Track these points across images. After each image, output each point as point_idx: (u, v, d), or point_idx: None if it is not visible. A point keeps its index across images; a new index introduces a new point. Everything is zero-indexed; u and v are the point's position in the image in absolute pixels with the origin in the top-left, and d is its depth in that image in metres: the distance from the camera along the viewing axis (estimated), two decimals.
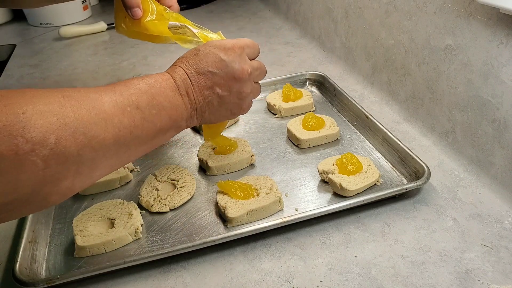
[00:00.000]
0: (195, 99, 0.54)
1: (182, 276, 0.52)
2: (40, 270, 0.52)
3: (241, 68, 0.55)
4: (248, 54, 0.58)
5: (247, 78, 0.56)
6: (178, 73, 0.53)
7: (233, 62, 0.55)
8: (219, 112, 0.57)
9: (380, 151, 0.70)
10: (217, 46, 0.55)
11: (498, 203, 0.59)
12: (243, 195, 0.58)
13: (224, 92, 0.55)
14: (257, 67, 0.60)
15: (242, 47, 0.56)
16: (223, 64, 0.54)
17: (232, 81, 0.55)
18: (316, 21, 1.09)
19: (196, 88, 0.54)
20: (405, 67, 0.77)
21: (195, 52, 0.56)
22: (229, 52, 0.55)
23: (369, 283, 0.49)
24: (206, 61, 0.54)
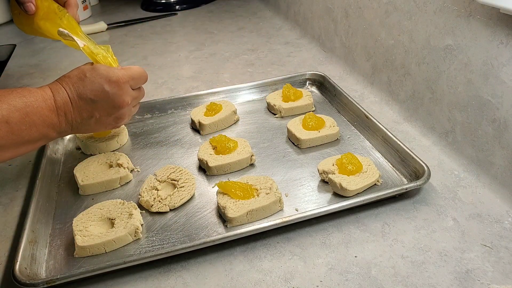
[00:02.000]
0: (72, 119, 0.58)
1: (182, 276, 0.52)
2: (40, 270, 0.52)
3: (121, 100, 0.60)
4: (131, 85, 0.62)
5: (126, 108, 0.62)
6: (61, 94, 0.57)
7: (115, 94, 0.59)
8: (95, 128, 0.62)
9: (380, 151, 0.70)
10: (103, 76, 0.59)
11: (498, 203, 0.59)
12: (243, 195, 0.58)
13: (102, 116, 0.60)
14: (137, 96, 0.65)
15: (126, 81, 0.60)
16: (105, 95, 0.59)
17: (112, 109, 0.60)
18: (316, 21, 1.09)
19: (76, 111, 0.58)
20: (405, 67, 0.77)
21: (81, 77, 0.58)
22: (113, 85, 0.59)
23: (369, 283, 0.49)
24: (91, 88, 0.58)
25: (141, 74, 0.64)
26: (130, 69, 0.62)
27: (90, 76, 0.58)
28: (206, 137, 0.76)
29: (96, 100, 0.58)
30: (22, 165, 0.73)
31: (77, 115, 0.58)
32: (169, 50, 1.16)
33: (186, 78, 1.00)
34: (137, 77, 0.63)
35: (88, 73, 0.59)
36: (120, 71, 0.60)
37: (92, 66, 0.60)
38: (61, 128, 0.58)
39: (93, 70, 0.59)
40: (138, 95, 0.65)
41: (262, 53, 1.11)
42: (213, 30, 1.29)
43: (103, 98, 0.58)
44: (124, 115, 0.63)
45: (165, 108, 0.84)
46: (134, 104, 0.65)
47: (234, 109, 0.80)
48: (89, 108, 0.58)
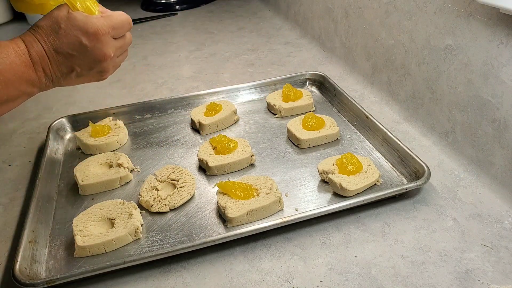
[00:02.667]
0: (52, 74, 0.54)
1: (182, 276, 0.52)
2: (40, 270, 0.52)
3: (102, 54, 0.55)
4: (113, 35, 0.57)
5: (108, 61, 0.57)
6: (35, 48, 0.53)
7: (94, 48, 0.54)
8: (78, 82, 0.59)
9: (380, 151, 0.70)
10: (79, 27, 0.53)
11: (498, 203, 0.59)
12: (243, 195, 0.58)
13: (83, 70, 0.56)
14: (121, 45, 0.59)
15: (106, 32, 0.55)
16: (84, 49, 0.54)
17: (93, 63, 0.56)
18: (316, 21, 1.09)
19: (54, 65, 0.54)
20: (405, 67, 0.77)
21: (55, 28, 0.53)
22: (91, 38, 0.54)
23: (369, 283, 0.49)
24: (67, 42, 0.53)
25: (123, 21, 0.58)
26: (111, 17, 0.56)
27: (65, 28, 0.53)
28: (206, 137, 0.76)
29: (74, 55, 0.54)
30: (22, 165, 0.73)
31: (56, 69, 0.54)
32: (169, 50, 1.16)
33: (186, 78, 1.00)
34: (119, 26, 0.57)
35: (63, 23, 0.53)
36: (99, 20, 0.55)
37: (67, 15, 0.54)
38: (41, 83, 0.54)
39: (68, 20, 0.53)
40: (123, 44, 0.60)
41: (262, 53, 1.11)
42: (213, 30, 1.29)
43: (81, 52, 0.54)
44: (107, 67, 0.58)
45: (165, 108, 0.84)
46: (118, 54, 0.60)
47: (234, 109, 0.80)
48: (68, 63, 0.54)
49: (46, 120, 0.85)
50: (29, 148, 0.78)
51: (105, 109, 0.82)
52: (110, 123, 0.78)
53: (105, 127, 0.75)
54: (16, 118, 0.88)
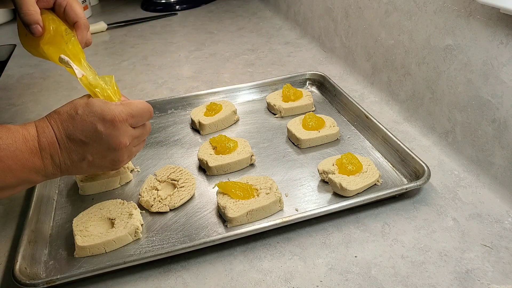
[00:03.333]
0: (61, 162, 0.51)
1: (182, 276, 0.52)
2: (40, 270, 0.52)
3: (118, 142, 0.52)
4: (131, 124, 0.54)
5: (124, 150, 0.54)
6: (47, 134, 0.50)
7: (110, 136, 0.52)
8: (88, 171, 0.55)
9: (380, 151, 0.70)
10: (96, 114, 0.51)
11: (498, 203, 0.59)
12: (243, 195, 0.58)
13: (96, 159, 0.53)
14: (139, 135, 0.56)
15: (124, 120, 0.52)
16: (98, 136, 0.51)
17: (106, 151, 0.53)
18: (316, 21, 1.09)
19: (64, 153, 0.51)
20: (405, 67, 0.77)
21: (72, 114, 0.51)
22: (108, 125, 0.51)
23: (369, 283, 0.49)
24: (81, 128, 0.51)
25: (144, 110, 0.55)
26: (130, 105, 0.54)
27: (82, 114, 0.51)
28: (206, 137, 0.76)
29: (87, 142, 0.51)
30: None
31: (66, 157, 0.51)
32: (169, 50, 1.16)
33: (186, 78, 1.00)
34: (138, 114, 0.54)
35: (80, 109, 0.51)
36: (118, 107, 0.52)
37: (86, 101, 0.52)
38: (47, 172, 0.51)
39: (86, 106, 0.51)
40: (141, 133, 0.57)
41: (262, 53, 1.11)
42: (213, 30, 1.29)
43: (95, 139, 0.51)
44: (122, 157, 0.55)
45: (165, 108, 0.84)
46: (135, 143, 0.57)
47: (234, 109, 0.80)
48: (80, 150, 0.51)
49: None
50: None
51: None
52: None
53: None
54: (16, 118, 0.88)
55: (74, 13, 0.60)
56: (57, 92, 0.97)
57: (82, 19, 0.61)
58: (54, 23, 0.58)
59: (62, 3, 0.60)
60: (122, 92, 0.97)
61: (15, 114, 0.89)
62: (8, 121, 0.87)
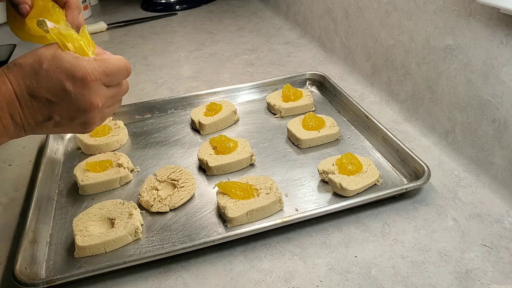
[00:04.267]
0: (23, 122, 0.45)
1: (182, 276, 0.52)
2: (40, 270, 0.52)
3: (88, 103, 0.46)
4: (105, 82, 0.48)
5: (95, 111, 0.48)
6: (3, 92, 0.43)
7: (80, 95, 0.45)
8: (55, 130, 0.49)
9: (380, 151, 0.70)
10: (65, 69, 0.44)
11: (498, 203, 0.59)
12: (243, 195, 0.58)
13: (64, 120, 0.47)
14: (113, 95, 0.50)
15: (97, 78, 0.46)
16: (66, 96, 0.45)
17: (75, 112, 0.46)
18: (316, 21, 1.09)
19: (27, 112, 0.45)
20: (405, 67, 0.77)
21: (35, 68, 0.44)
22: (78, 84, 0.45)
23: (369, 283, 0.49)
24: (47, 86, 0.44)
25: (120, 67, 0.49)
26: (105, 61, 0.47)
27: (48, 68, 0.44)
28: (206, 137, 0.76)
29: (54, 101, 0.45)
30: (22, 165, 0.73)
31: (29, 117, 0.45)
32: (169, 50, 1.16)
33: (186, 78, 1.00)
34: (113, 71, 0.48)
35: (46, 63, 0.44)
36: (91, 63, 0.46)
37: (53, 54, 0.45)
38: (9, 132, 0.45)
39: (53, 59, 0.44)
40: (116, 93, 0.50)
41: (262, 53, 1.11)
42: (213, 30, 1.29)
43: (63, 99, 0.45)
44: (93, 119, 0.48)
45: (165, 108, 0.84)
46: (109, 104, 0.50)
47: (234, 109, 0.80)
48: (46, 110, 0.45)
49: None
50: (29, 148, 0.78)
51: None
52: (110, 123, 0.78)
53: (105, 127, 0.75)
54: None
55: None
56: None
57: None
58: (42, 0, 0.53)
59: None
60: None
61: None
62: None
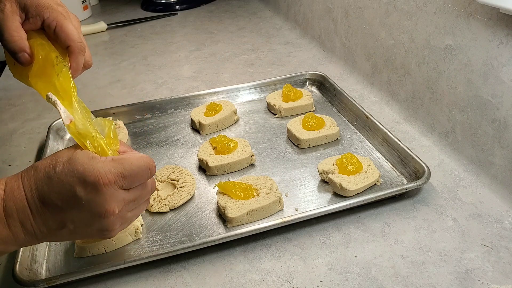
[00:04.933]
0: (34, 229, 0.42)
1: (182, 276, 0.52)
2: (40, 270, 0.52)
3: (103, 210, 0.42)
4: (123, 185, 0.43)
5: (112, 218, 0.43)
6: (16, 196, 0.41)
7: (92, 202, 0.41)
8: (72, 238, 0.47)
9: (380, 151, 0.70)
10: (77, 174, 0.40)
11: (498, 203, 0.59)
12: (243, 195, 0.58)
13: (79, 227, 0.43)
14: (134, 198, 0.45)
15: (111, 181, 0.41)
16: (77, 202, 0.41)
17: (90, 220, 0.42)
18: (316, 21, 1.09)
19: (39, 219, 0.41)
20: (405, 67, 0.77)
21: (49, 172, 0.41)
22: (89, 189, 0.41)
23: (369, 283, 0.49)
24: (57, 191, 0.41)
25: (140, 168, 0.43)
26: (123, 161, 0.43)
27: (61, 173, 0.41)
28: (206, 137, 0.76)
29: (64, 208, 0.41)
30: (22, 165, 0.73)
31: (41, 225, 0.42)
32: (169, 50, 1.16)
33: (186, 78, 1.00)
34: (132, 174, 0.43)
35: (60, 166, 0.41)
36: (106, 165, 0.41)
37: (69, 156, 0.42)
38: (19, 240, 0.42)
39: (69, 162, 0.41)
40: (137, 196, 0.45)
41: (262, 53, 1.11)
42: (213, 30, 1.29)
43: (73, 206, 0.41)
44: (111, 226, 0.44)
45: (165, 108, 0.84)
46: (130, 208, 0.45)
47: (234, 109, 0.80)
48: (57, 217, 0.42)
49: (46, 120, 0.85)
50: (29, 148, 0.78)
51: (105, 109, 0.82)
52: None
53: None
54: (16, 118, 0.88)
55: (65, 35, 0.49)
56: None
57: (75, 42, 0.49)
58: (43, 49, 0.48)
59: (51, 24, 0.49)
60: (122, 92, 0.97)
61: (15, 114, 0.89)
62: (9, 121, 0.87)
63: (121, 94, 0.94)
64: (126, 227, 0.48)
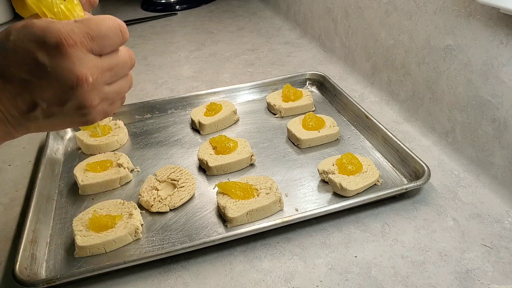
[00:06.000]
0: (5, 114, 0.37)
1: (182, 276, 0.52)
2: (40, 270, 0.52)
3: (73, 76, 0.36)
4: (92, 49, 0.37)
5: (87, 88, 0.37)
6: None
7: (58, 68, 0.35)
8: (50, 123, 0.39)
9: (380, 151, 0.70)
10: (35, 37, 0.35)
11: (498, 203, 0.59)
12: (243, 195, 0.58)
13: (52, 105, 0.37)
14: (110, 66, 0.39)
15: (76, 42, 0.35)
16: (42, 70, 0.35)
17: (61, 92, 0.37)
18: (316, 21, 1.09)
19: (5, 100, 0.36)
20: (405, 67, 0.77)
21: (3, 41, 0.36)
22: (52, 52, 0.35)
23: (369, 283, 0.49)
24: (16, 61, 0.35)
25: (109, 29, 0.38)
26: (88, 21, 0.37)
27: (15, 39, 0.35)
28: (206, 137, 0.76)
29: (29, 80, 0.36)
30: (22, 165, 0.73)
31: (9, 105, 0.36)
32: (169, 50, 1.16)
33: (186, 78, 1.00)
34: (100, 34, 0.37)
35: (14, 34, 0.35)
36: (68, 25, 0.36)
37: (24, 23, 0.36)
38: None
39: (23, 28, 0.35)
40: (112, 63, 0.39)
41: (262, 53, 1.11)
42: (213, 30, 1.29)
43: (39, 75, 0.35)
44: (87, 99, 0.38)
45: (165, 108, 0.84)
46: (107, 79, 0.39)
47: (234, 109, 0.80)
48: (25, 94, 0.36)
49: None
50: (29, 148, 0.78)
51: None
52: (110, 123, 0.78)
53: (105, 127, 0.75)
54: None
55: None
56: None
57: None
58: None
59: None
60: None
61: None
62: None
63: None
64: (110, 110, 0.41)
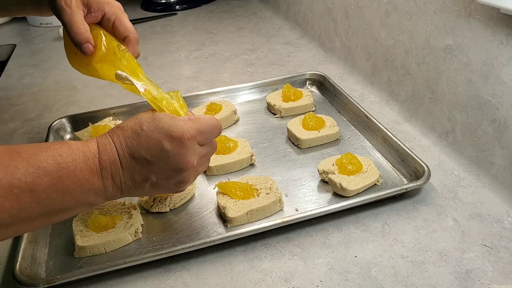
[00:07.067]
0: (122, 182, 0.47)
1: (182, 276, 0.52)
2: (40, 270, 0.52)
3: (185, 162, 0.48)
4: (200, 141, 0.49)
5: (191, 170, 0.49)
6: (108, 151, 0.46)
7: (177, 155, 0.47)
8: (151, 192, 0.51)
9: (380, 151, 0.70)
10: (163, 130, 0.46)
11: (498, 203, 0.59)
12: (243, 195, 0.58)
13: (160, 180, 0.48)
14: (206, 153, 0.51)
15: (192, 137, 0.48)
16: (164, 155, 0.47)
17: (172, 172, 0.48)
18: (316, 21, 1.09)
19: (126, 172, 0.47)
20: (405, 67, 0.77)
21: (136, 130, 0.47)
22: (175, 143, 0.47)
23: (369, 283, 0.49)
24: (146, 146, 0.46)
25: (213, 126, 0.50)
26: (199, 120, 0.49)
27: (147, 130, 0.46)
28: None
29: (152, 161, 0.46)
30: None
31: (128, 177, 0.47)
32: (169, 50, 1.16)
33: (186, 78, 1.00)
34: (207, 130, 0.50)
35: (146, 125, 0.47)
36: (186, 123, 0.48)
37: (152, 116, 0.48)
38: (107, 193, 0.46)
39: (153, 121, 0.47)
40: (208, 151, 0.52)
41: (262, 53, 1.11)
42: (213, 30, 1.29)
43: (161, 158, 0.46)
44: (188, 178, 0.50)
45: None
46: (201, 163, 0.52)
47: (234, 109, 0.80)
48: (144, 170, 0.47)
49: (46, 120, 0.85)
50: None
51: (105, 109, 0.82)
52: (110, 123, 0.78)
53: (105, 127, 0.75)
54: (16, 118, 0.88)
55: (123, 27, 0.58)
56: (57, 92, 0.97)
57: (132, 33, 0.59)
58: (105, 39, 0.55)
59: (111, 18, 0.58)
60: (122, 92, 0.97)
61: (15, 114, 0.89)
62: (9, 120, 0.87)
63: (121, 94, 0.94)
64: (194, 180, 0.54)
